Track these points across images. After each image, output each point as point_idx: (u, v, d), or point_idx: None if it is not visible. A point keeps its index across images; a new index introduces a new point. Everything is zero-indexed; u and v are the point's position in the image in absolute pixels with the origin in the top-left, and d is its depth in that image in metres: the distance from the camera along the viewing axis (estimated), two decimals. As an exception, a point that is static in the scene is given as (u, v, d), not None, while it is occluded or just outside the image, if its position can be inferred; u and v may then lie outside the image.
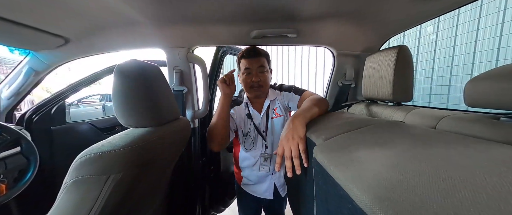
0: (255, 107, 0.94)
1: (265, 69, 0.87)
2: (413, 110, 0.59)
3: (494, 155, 0.26)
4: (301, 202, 0.74)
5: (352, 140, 0.44)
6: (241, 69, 0.89)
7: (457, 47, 2.61)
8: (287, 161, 0.54)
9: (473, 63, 2.44)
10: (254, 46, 0.89)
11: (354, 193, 0.28)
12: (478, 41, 2.38)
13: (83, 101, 5.72)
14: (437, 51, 2.82)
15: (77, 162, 0.47)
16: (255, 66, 0.85)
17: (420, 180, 0.24)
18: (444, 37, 2.72)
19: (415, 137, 0.38)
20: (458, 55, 2.60)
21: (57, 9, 0.67)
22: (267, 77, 0.88)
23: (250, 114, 0.93)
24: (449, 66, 2.69)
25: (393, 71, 0.63)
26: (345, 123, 0.56)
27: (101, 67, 1.33)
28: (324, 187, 0.41)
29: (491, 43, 2.28)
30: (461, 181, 0.21)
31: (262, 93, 0.89)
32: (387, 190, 0.24)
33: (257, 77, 0.85)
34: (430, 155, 0.30)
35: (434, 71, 2.88)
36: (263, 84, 0.86)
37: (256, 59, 0.86)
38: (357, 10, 0.74)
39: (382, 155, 0.32)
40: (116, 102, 0.57)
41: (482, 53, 2.37)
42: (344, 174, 0.32)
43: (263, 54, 0.88)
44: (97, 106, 5.83)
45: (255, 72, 0.85)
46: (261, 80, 0.85)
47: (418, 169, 0.26)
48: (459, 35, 2.56)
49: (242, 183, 1.03)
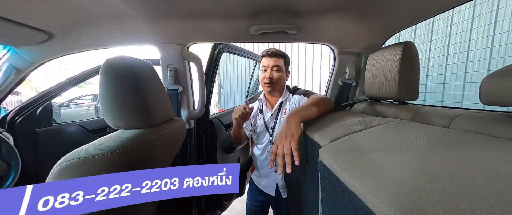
0: (268, 105, 1.02)
1: (280, 69, 0.94)
2: (422, 109, 0.56)
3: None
4: (303, 207, 0.71)
5: (363, 142, 0.40)
6: (260, 66, 0.97)
7: (473, 41, 2.46)
8: (279, 159, 0.57)
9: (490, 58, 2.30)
10: (274, 48, 0.96)
11: (374, 203, 0.24)
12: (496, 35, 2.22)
13: (75, 101, 5.55)
14: (450, 45, 2.69)
15: (57, 169, 0.42)
16: (271, 64, 0.93)
17: (452, 188, 0.21)
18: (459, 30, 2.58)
19: (432, 138, 0.34)
20: (474, 50, 2.41)
21: (40, 0, 0.61)
22: (281, 76, 0.94)
23: (262, 110, 1.02)
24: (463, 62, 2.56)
25: (398, 68, 0.60)
26: (352, 122, 0.53)
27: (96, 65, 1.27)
28: (332, 194, 0.37)
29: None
30: (505, 189, 0.18)
31: (274, 90, 0.95)
32: (416, 201, 0.21)
33: (270, 74, 0.92)
34: (456, 159, 0.26)
35: (447, 68, 2.76)
36: (275, 82, 0.93)
37: (274, 59, 0.93)
38: (360, 5, 0.71)
39: (401, 159, 0.29)
40: (103, 102, 0.52)
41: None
42: (359, 180, 0.29)
43: (281, 56, 0.96)
44: (89, 107, 5.66)
45: (270, 70, 0.93)
46: (273, 78, 0.92)
47: (448, 175, 0.23)
48: (475, 28, 2.44)
49: (253, 174, 1.12)
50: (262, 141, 1.01)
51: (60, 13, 0.70)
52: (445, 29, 2.73)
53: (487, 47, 2.35)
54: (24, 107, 1.10)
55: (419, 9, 0.71)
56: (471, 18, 2.47)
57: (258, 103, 1.04)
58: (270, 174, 1.02)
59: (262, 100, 1.02)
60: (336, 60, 0.99)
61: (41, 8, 0.65)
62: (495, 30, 2.27)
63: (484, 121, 0.39)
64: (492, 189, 0.19)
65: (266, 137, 1.00)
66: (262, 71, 0.96)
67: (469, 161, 0.25)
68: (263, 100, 1.02)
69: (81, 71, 1.27)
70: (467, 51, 2.54)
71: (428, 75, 2.95)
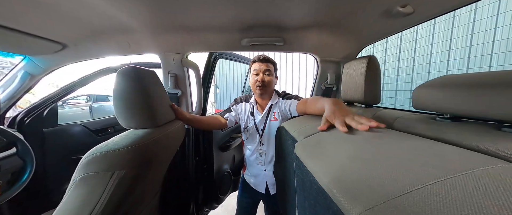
0: (259, 108, 1.07)
1: (270, 73, 1.00)
2: (379, 111, 0.69)
3: (414, 146, 0.35)
4: (286, 194, 0.83)
5: (325, 138, 0.52)
6: (252, 70, 1.02)
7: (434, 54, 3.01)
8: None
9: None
10: (265, 54, 1.03)
11: (320, 178, 0.36)
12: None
13: (68, 101, 5.51)
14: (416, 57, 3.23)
15: (85, 161, 0.52)
16: (263, 69, 0.98)
17: (362, 165, 0.33)
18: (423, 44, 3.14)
19: (370, 135, 0.47)
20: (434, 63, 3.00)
21: (55, 16, 0.71)
22: (271, 80, 1.00)
23: (253, 113, 1.07)
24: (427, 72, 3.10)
25: (364, 78, 0.73)
26: (320, 123, 0.65)
27: (89, 68, 1.35)
28: (301, 176, 0.49)
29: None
30: (387, 164, 0.30)
31: (265, 93, 1.00)
32: (340, 173, 0.33)
33: (262, 77, 0.98)
34: (373, 148, 0.39)
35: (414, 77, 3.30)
36: (266, 85, 0.98)
37: (265, 64, 0.99)
38: (336, 22, 0.84)
39: (343, 149, 0.41)
40: (117, 106, 0.62)
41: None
42: (314, 164, 0.41)
43: (272, 62, 1.01)
44: (84, 107, 5.62)
45: (262, 74, 0.98)
46: (265, 81, 0.98)
47: (364, 157, 0.35)
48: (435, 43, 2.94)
49: (245, 173, 1.19)
50: (252, 142, 1.07)
51: (74, 27, 0.80)
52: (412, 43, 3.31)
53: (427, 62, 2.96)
54: (32, 109, 1.17)
55: (387, 27, 0.84)
56: (431, 35, 2.99)
57: (249, 105, 1.09)
58: (260, 173, 1.08)
59: (253, 103, 1.07)
60: (319, 68, 1.12)
61: (58, 24, 0.75)
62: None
63: (413, 121, 0.52)
64: (391, 162, 0.31)
65: (257, 139, 1.05)
66: (253, 75, 1.00)
67: (383, 149, 0.38)
68: (253, 103, 1.07)
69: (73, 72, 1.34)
70: (412, 63, 3.11)
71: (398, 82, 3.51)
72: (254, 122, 1.05)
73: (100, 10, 0.70)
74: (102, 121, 1.57)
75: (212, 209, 1.46)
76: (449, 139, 0.41)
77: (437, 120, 0.48)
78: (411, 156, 0.31)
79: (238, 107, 1.10)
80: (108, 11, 0.71)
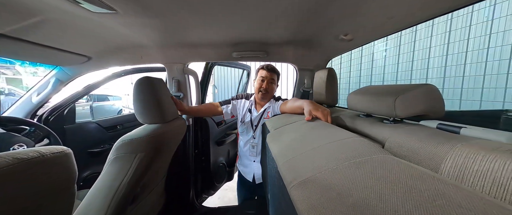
0: (256, 106, 1.23)
1: (274, 82, 1.16)
2: (337, 110, 0.92)
3: (331, 134, 0.57)
4: (265, 179, 1.05)
5: (287, 129, 0.75)
6: (258, 76, 1.16)
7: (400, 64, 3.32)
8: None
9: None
10: (272, 64, 1.19)
11: (275, 156, 0.58)
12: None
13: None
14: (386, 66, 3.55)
15: (117, 145, 0.74)
16: (269, 78, 1.13)
17: (297, 146, 0.55)
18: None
19: (310, 127, 0.68)
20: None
21: (84, 36, 0.91)
22: (273, 88, 1.16)
23: (251, 109, 1.23)
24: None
25: (325, 84, 0.96)
26: (292, 118, 0.87)
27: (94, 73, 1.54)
28: (267, 159, 0.71)
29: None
30: (312, 147, 0.52)
31: (265, 98, 1.17)
32: (287, 152, 0.55)
33: (266, 85, 1.13)
34: (309, 136, 0.61)
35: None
36: (269, 92, 1.15)
37: (271, 73, 1.13)
38: (308, 39, 1.06)
39: (293, 136, 0.63)
40: (136, 106, 0.84)
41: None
42: (273, 147, 0.62)
43: (276, 72, 1.17)
44: (84, 106, 5.72)
45: (267, 81, 1.13)
46: (268, 89, 1.14)
47: (299, 142, 0.57)
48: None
49: (238, 162, 1.36)
50: (246, 135, 1.23)
51: (98, 44, 1.01)
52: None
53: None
54: (55, 108, 1.38)
55: (342, 45, 1.07)
56: (398, 46, 3.30)
57: (248, 103, 1.25)
58: (250, 164, 1.26)
59: (252, 102, 1.22)
60: (297, 74, 1.34)
61: (85, 42, 0.96)
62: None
63: (346, 117, 0.75)
64: (317, 143, 0.53)
65: (250, 132, 1.21)
66: (259, 81, 1.13)
67: (315, 135, 0.60)
68: (253, 101, 1.22)
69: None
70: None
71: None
72: (250, 117, 1.21)
73: (119, 32, 0.91)
74: (112, 119, 1.77)
75: (210, 195, 1.68)
76: (358, 128, 0.63)
77: (360, 117, 0.71)
78: (330, 145, 0.53)
79: (238, 102, 1.26)
80: (125, 32, 0.92)
